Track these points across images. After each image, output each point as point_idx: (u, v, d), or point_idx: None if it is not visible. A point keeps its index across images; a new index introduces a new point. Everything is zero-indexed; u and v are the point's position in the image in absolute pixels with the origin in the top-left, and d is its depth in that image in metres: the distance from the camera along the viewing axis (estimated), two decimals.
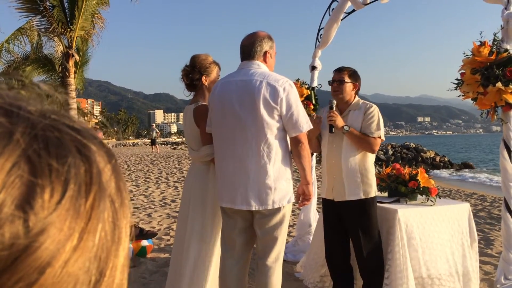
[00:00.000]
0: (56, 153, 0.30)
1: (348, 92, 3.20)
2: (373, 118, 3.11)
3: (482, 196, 10.77)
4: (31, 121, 0.30)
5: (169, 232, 5.74)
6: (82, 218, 0.30)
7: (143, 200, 8.52)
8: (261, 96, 2.51)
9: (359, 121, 3.13)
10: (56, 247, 0.28)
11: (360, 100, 3.26)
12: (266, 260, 2.66)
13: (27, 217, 0.27)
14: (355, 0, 4.31)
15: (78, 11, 11.69)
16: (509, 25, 2.97)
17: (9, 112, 0.30)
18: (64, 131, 0.31)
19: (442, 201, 3.57)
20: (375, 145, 3.10)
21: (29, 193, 0.28)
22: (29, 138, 0.29)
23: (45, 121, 0.31)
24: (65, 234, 0.28)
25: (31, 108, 0.31)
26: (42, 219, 0.28)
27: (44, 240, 0.27)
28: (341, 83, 3.19)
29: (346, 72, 3.23)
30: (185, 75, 3.05)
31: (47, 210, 0.28)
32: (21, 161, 0.28)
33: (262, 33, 2.73)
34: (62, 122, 0.32)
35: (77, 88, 14.76)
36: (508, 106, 2.97)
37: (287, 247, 4.70)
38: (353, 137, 3.08)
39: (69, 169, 0.30)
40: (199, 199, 2.92)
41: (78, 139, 0.32)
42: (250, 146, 2.55)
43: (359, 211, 3.11)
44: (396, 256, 3.10)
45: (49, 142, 0.30)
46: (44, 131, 0.30)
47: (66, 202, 0.29)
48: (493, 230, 6.25)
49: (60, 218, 0.28)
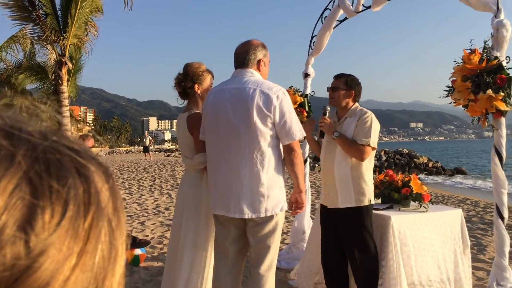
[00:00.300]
0: (56, 174, 0.30)
1: (341, 99, 3.22)
2: (364, 125, 3.10)
3: (474, 201, 10.82)
4: (32, 143, 0.31)
5: (163, 241, 5.71)
6: (80, 239, 0.30)
7: (136, 208, 8.48)
8: (254, 104, 2.52)
9: (353, 127, 3.14)
10: (55, 268, 0.28)
11: (358, 107, 3.25)
12: (259, 269, 2.65)
13: (28, 238, 0.28)
14: (347, 8, 4.35)
15: (71, 19, 11.68)
16: (499, 33, 3.01)
17: (10, 134, 0.30)
18: (63, 152, 0.32)
19: (435, 207, 3.59)
20: (364, 153, 3.06)
21: (30, 215, 0.28)
22: (30, 160, 0.30)
23: (46, 143, 0.32)
24: (64, 254, 0.29)
25: (31, 129, 0.32)
26: (42, 240, 0.28)
27: (44, 260, 0.28)
28: (334, 90, 3.22)
29: (343, 79, 3.25)
30: (178, 83, 3.06)
31: (47, 231, 0.28)
32: (23, 183, 0.29)
33: (256, 41, 2.75)
34: (62, 143, 0.33)
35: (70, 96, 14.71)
36: (498, 112, 3.00)
37: (281, 254, 4.70)
38: (342, 143, 3.10)
39: (69, 190, 0.30)
40: (192, 207, 2.92)
41: (77, 160, 0.33)
42: (244, 153, 2.56)
43: (352, 219, 3.12)
44: (390, 263, 3.11)
45: (50, 164, 0.31)
46: (44, 153, 0.31)
47: (65, 223, 0.29)
48: (486, 236, 6.28)
49: (60, 239, 0.29)
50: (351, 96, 3.23)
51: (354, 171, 3.12)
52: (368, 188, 3.13)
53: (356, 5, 4.28)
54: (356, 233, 3.10)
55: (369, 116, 3.13)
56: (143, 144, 31.58)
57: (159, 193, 10.89)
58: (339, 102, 3.23)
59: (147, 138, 30.98)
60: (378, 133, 3.19)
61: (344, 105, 3.23)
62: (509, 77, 2.94)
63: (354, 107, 3.23)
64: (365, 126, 3.10)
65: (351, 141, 3.10)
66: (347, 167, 3.12)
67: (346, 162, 3.13)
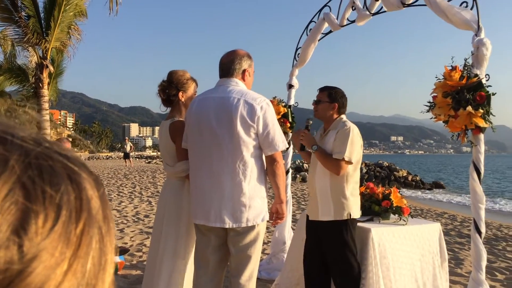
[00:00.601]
0: (49, 180, 0.31)
1: (323, 112, 3.24)
2: (340, 139, 3.07)
3: (452, 215, 10.98)
4: (25, 148, 0.31)
5: (142, 248, 5.64)
6: (72, 244, 0.30)
7: (116, 215, 8.36)
8: (238, 114, 2.52)
9: (332, 141, 3.14)
10: (47, 273, 0.28)
11: (342, 120, 3.22)
12: (239, 278, 2.64)
13: (22, 242, 0.28)
14: (332, 21, 4.40)
15: (54, 22, 11.54)
16: (479, 51, 3.08)
17: (3, 139, 0.31)
18: (56, 158, 0.32)
19: (414, 221, 3.63)
20: (339, 167, 3.03)
21: (24, 219, 0.28)
22: (24, 165, 0.30)
23: (38, 148, 0.32)
24: (56, 259, 0.29)
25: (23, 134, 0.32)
26: (36, 244, 0.28)
27: (37, 265, 0.28)
28: (318, 103, 3.25)
29: (326, 92, 3.26)
30: (161, 90, 3.04)
31: (40, 235, 0.29)
32: (16, 188, 0.29)
33: (241, 51, 2.76)
34: (54, 150, 0.33)
35: (50, 99, 14.49)
36: (477, 129, 3.05)
37: (262, 264, 4.68)
38: (319, 157, 3.11)
39: (62, 195, 0.31)
40: (173, 215, 2.89)
41: (69, 166, 0.33)
42: (226, 163, 2.55)
43: (331, 231, 3.12)
44: (369, 275, 3.12)
45: (43, 169, 0.31)
46: (37, 159, 0.31)
47: (58, 228, 0.30)
48: (463, 250, 6.37)
49: (52, 244, 0.29)
50: (335, 109, 3.23)
51: (333, 184, 3.11)
52: (348, 203, 3.08)
53: (341, 19, 4.34)
54: (337, 249, 3.08)
55: (348, 129, 3.09)
56: (124, 150, 31.25)
57: (139, 200, 10.77)
58: (322, 115, 3.25)
59: (128, 144, 30.68)
60: (359, 147, 3.13)
61: (328, 118, 3.25)
62: (488, 95, 3.00)
63: (337, 120, 3.23)
64: (341, 140, 3.06)
65: (328, 155, 3.08)
66: (326, 180, 3.13)
67: (325, 175, 3.13)
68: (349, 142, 3.05)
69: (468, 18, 3.16)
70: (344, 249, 3.08)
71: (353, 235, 3.12)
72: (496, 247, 6.83)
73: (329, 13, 4.46)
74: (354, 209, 3.12)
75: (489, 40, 3.08)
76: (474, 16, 3.16)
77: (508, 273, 5.17)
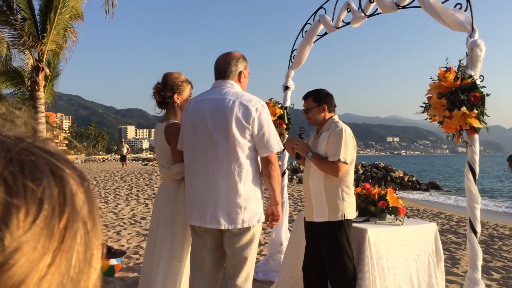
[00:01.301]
0: (31, 175, 0.31)
1: (315, 117, 3.26)
2: (333, 141, 3.08)
3: (449, 215, 11.02)
4: (7, 144, 0.31)
5: (139, 251, 5.63)
6: (55, 238, 0.31)
7: (112, 218, 8.34)
8: (233, 116, 2.53)
9: (324, 143, 3.15)
10: (30, 265, 0.29)
11: (333, 120, 3.23)
12: (236, 280, 2.64)
13: (3, 236, 0.28)
14: (327, 23, 4.42)
15: (50, 24, 11.52)
16: (473, 53, 3.10)
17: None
18: (38, 154, 0.33)
19: (410, 221, 3.64)
20: (337, 170, 3.04)
21: (4, 213, 0.29)
22: (5, 161, 0.30)
23: (21, 144, 0.32)
24: (39, 253, 0.29)
25: (7, 133, 0.33)
26: (17, 238, 0.28)
27: (19, 258, 0.28)
28: (307, 112, 3.27)
29: (311, 97, 3.28)
30: (156, 93, 3.04)
31: (22, 229, 0.29)
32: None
33: (236, 53, 2.77)
34: (37, 146, 0.33)
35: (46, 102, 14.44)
36: (472, 129, 3.07)
37: (258, 266, 4.68)
38: (316, 162, 3.12)
39: (44, 190, 0.31)
40: (169, 217, 2.90)
41: (52, 162, 0.33)
42: (222, 164, 2.56)
43: (327, 232, 3.13)
44: (366, 275, 3.13)
45: (25, 164, 0.31)
46: (19, 154, 0.31)
47: (40, 222, 0.30)
48: (459, 250, 6.39)
49: (34, 238, 0.29)
50: (325, 110, 3.25)
51: (327, 185, 3.13)
52: (343, 203, 3.10)
53: (336, 21, 4.36)
54: (332, 246, 3.10)
55: (340, 130, 3.10)
56: (120, 152, 31.19)
57: (135, 202, 10.75)
58: (315, 120, 3.27)
59: (124, 146, 30.63)
60: (352, 147, 3.14)
61: (321, 121, 3.27)
62: (482, 95, 3.02)
63: (330, 121, 3.24)
64: (334, 142, 3.08)
65: (324, 159, 3.10)
66: (321, 182, 3.15)
67: (319, 178, 3.15)
68: (342, 143, 3.06)
69: (462, 20, 3.18)
70: (339, 250, 3.09)
71: (348, 236, 3.12)
72: (492, 246, 6.86)
73: (324, 15, 4.48)
74: (349, 210, 3.13)
75: (483, 41, 3.11)
76: (468, 18, 3.18)
77: (504, 272, 5.19)
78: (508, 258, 5.99)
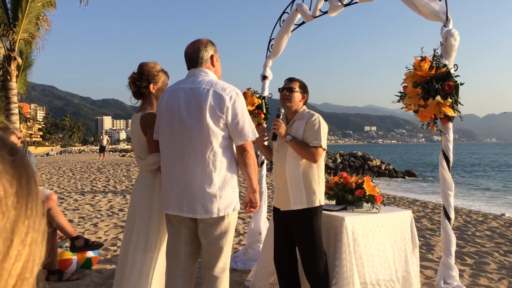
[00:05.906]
0: None
1: (296, 101, 3.26)
2: (313, 128, 3.15)
3: (424, 203, 11.25)
4: None
5: (116, 243, 5.58)
6: None
7: (89, 210, 8.24)
8: (207, 104, 2.52)
9: (302, 130, 3.19)
10: None
11: (306, 110, 3.31)
12: (212, 271, 2.64)
13: None
14: (305, 12, 4.41)
15: (21, 13, 11.21)
16: (448, 42, 3.14)
17: None
18: None
19: (386, 209, 3.70)
20: (316, 155, 3.12)
21: None
22: None
23: None
24: None
25: None
26: None
27: None
28: (291, 91, 3.26)
29: (297, 82, 3.31)
30: (132, 83, 3.00)
31: None
32: None
33: (204, 39, 2.76)
34: None
35: (19, 92, 14.11)
36: (446, 118, 3.13)
37: (238, 255, 4.70)
38: (295, 146, 3.14)
39: None
40: (145, 208, 2.87)
41: None
42: (196, 154, 2.55)
43: (304, 220, 3.16)
44: (343, 262, 3.17)
45: None
46: None
47: None
48: (434, 236, 6.54)
49: None
50: (304, 100, 3.32)
51: (305, 172, 3.16)
52: (319, 189, 3.18)
53: (314, 10, 4.35)
54: (309, 232, 3.14)
55: (317, 118, 3.19)
56: (100, 143, 30.73)
57: (113, 194, 10.63)
58: (293, 104, 3.26)
59: (105, 137, 30.20)
60: (327, 135, 3.25)
61: (296, 108, 3.28)
62: (456, 84, 3.07)
63: (302, 110, 3.30)
64: (314, 129, 3.14)
65: (304, 144, 3.14)
66: (298, 169, 3.17)
67: (297, 164, 3.17)
68: (322, 131, 3.14)
69: (437, 9, 3.22)
70: (315, 236, 3.14)
71: (320, 221, 3.20)
72: (465, 232, 7.04)
73: (301, 4, 4.47)
74: (322, 196, 3.23)
75: (457, 31, 3.15)
76: (442, 7, 3.22)
77: (477, 257, 5.33)
78: (481, 244, 6.16)
